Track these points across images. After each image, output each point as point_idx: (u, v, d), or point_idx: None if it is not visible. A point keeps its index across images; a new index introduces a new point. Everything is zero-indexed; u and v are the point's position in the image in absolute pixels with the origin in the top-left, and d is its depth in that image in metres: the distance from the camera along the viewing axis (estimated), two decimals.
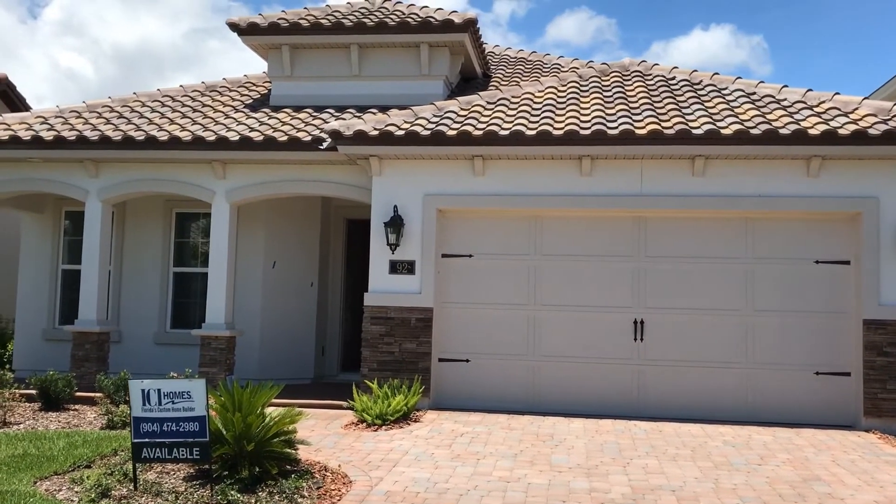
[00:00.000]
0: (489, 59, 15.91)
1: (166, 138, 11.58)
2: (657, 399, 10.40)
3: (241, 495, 6.36)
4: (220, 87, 14.45)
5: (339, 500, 6.47)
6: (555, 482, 7.04)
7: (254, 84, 14.64)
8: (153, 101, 13.53)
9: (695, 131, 9.96)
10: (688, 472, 7.48)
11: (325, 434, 9.03)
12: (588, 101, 11.35)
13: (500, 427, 9.39)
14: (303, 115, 12.47)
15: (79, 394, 10.91)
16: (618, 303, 10.60)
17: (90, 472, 6.93)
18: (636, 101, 11.20)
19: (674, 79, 12.25)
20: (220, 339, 11.64)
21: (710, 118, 10.30)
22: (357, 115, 12.10)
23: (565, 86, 12.25)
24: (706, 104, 10.93)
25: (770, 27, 42.58)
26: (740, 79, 11.83)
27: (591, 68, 13.17)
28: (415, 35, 12.85)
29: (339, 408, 10.50)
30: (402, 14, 13.15)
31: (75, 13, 43.89)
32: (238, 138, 11.44)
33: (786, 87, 11.33)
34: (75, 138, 11.78)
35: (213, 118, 12.51)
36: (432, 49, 13.04)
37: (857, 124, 9.89)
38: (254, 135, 11.50)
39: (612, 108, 10.95)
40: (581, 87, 12.12)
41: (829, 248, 10.32)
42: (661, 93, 11.58)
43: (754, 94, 11.28)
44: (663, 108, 10.86)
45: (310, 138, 11.32)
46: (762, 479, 7.27)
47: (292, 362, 13.20)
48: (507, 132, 10.34)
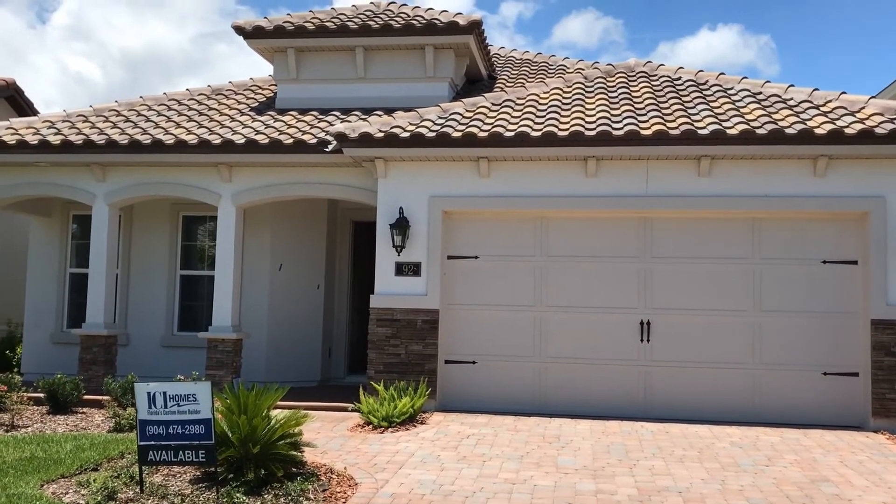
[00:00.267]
0: (494, 60, 15.91)
1: (172, 142, 11.62)
2: (664, 400, 10.37)
3: (246, 498, 6.37)
4: (226, 90, 14.49)
5: (344, 502, 6.47)
6: (561, 484, 7.02)
7: (259, 87, 14.68)
8: (159, 104, 13.58)
9: (700, 131, 9.94)
10: (694, 473, 7.45)
11: (332, 436, 9.03)
12: (593, 102, 11.34)
13: (506, 429, 9.38)
14: (308, 118, 12.49)
15: (86, 397, 10.96)
16: (624, 304, 10.58)
17: (97, 475, 6.95)
18: (641, 102, 11.18)
19: (679, 79, 12.22)
20: (227, 341, 11.67)
21: (716, 118, 10.27)
22: (362, 117, 12.12)
23: (570, 87, 12.24)
24: (712, 104, 10.90)
25: (777, 27, 42.48)
26: (746, 79, 11.80)
27: (596, 69, 13.15)
28: (420, 37, 12.87)
29: (346, 410, 10.50)
30: (407, 16, 13.16)
31: (83, 18, 44.12)
32: (244, 141, 11.47)
33: (792, 86, 11.29)
34: (82, 142, 11.83)
35: (218, 121, 12.55)
36: (437, 51, 13.05)
37: (864, 123, 9.85)
38: (259, 138, 11.53)
39: (618, 108, 10.94)
40: (586, 88, 12.10)
41: (836, 247, 10.27)
42: (667, 93, 11.55)
43: (760, 93, 11.25)
44: (669, 108, 10.84)
45: (315, 141, 11.34)
46: (769, 480, 7.24)
47: (299, 365, 13.22)
48: (513, 133, 10.33)
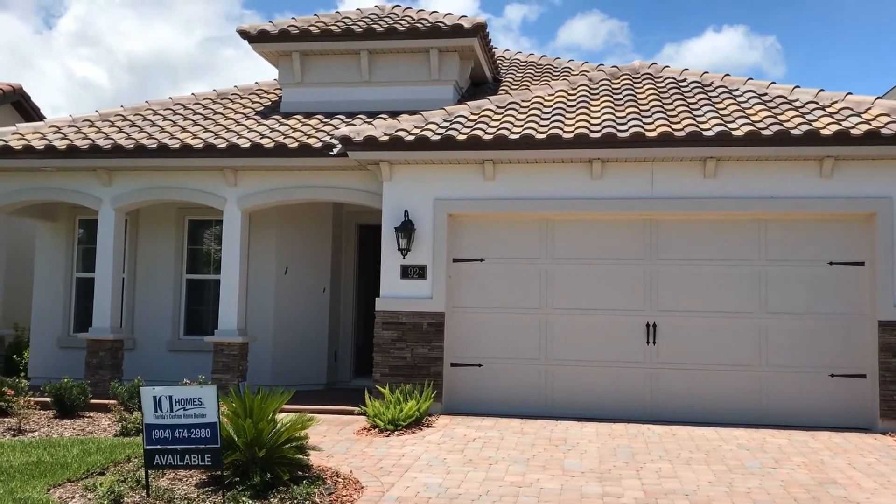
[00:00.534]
0: (499, 63, 15.91)
1: (178, 146, 11.65)
2: (670, 402, 10.34)
3: (252, 501, 6.37)
4: (232, 94, 14.52)
5: None
6: (567, 487, 7.01)
7: (265, 91, 14.71)
8: (165, 109, 13.61)
9: (706, 133, 9.92)
10: (701, 475, 7.42)
11: (337, 440, 9.03)
12: (598, 105, 11.33)
13: (512, 432, 9.36)
14: (313, 122, 12.50)
15: (93, 401, 10.98)
16: (630, 306, 10.56)
17: (103, 479, 6.95)
18: (647, 104, 11.16)
19: (684, 81, 12.20)
20: (233, 345, 11.68)
21: (722, 120, 10.25)
22: (367, 120, 12.13)
23: (575, 89, 12.23)
24: (717, 106, 10.88)
25: (783, 28, 42.39)
26: (752, 80, 11.77)
27: (601, 71, 13.14)
28: (424, 40, 12.87)
29: (352, 413, 10.50)
30: (412, 19, 13.17)
31: (90, 23, 44.28)
32: (249, 145, 11.48)
33: (798, 87, 11.26)
34: (88, 147, 11.87)
35: (224, 126, 12.57)
36: (442, 54, 13.05)
37: (870, 124, 9.82)
38: (265, 142, 11.55)
39: (623, 110, 10.92)
40: (591, 91, 12.09)
41: (843, 249, 10.24)
42: (672, 95, 11.53)
43: (766, 94, 11.22)
44: (674, 110, 10.82)
45: (320, 144, 11.35)
46: (777, 482, 7.21)
47: (305, 368, 13.22)
48: (518, 136, 10.32)
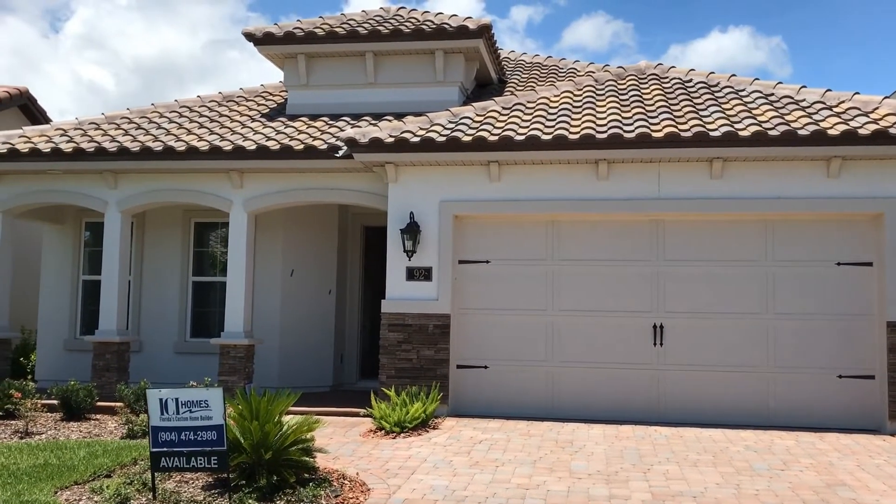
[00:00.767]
0: (504, 64, 15.89)
1: (184, 148, 11.66)
2: (677, 404, 10.30)
3: None
4: (237, 96, 14.53)
5: None
6: (574, 489, 6.98)
7: (270, 93, 14.72)
8: (171, 111, 13.63)
9: (712, 133, 9.88)
10: (709, 477, 7.39)
11: (344, 442, 9.02)
12: (604, 105, 11.30)
13: (518, 434, 9.34)
14: (319, 124, 12.50)
15: (100, 403, 10.99)
16: (636, 307, 10.53)
17: (110, 482, 6.96)
18: (653, 104, 11.13)
19: (690, 81, 12.17)
20: (239, 347, 11.68)
21: (728, 120, 10.22)
22: (373, 122, 12.13)
23: (581, 90, 12.20)
24: (723, 106, 10.84)
25: (789, 28, 42.26)
26: (758, 80, 11.74)
27: (607, 72, 13.11)
28: (430, 42, 12.86)
29: (358, 415, 10.48)
30: (417, 21, 13.16)
31: (96, 27, 44.40)
32: (255, 147, 11.49)
33: (804, 87, 11.22)
34: (94, 150, 11.89)
35: (230, 128, 12.58)
36: (447, 56, 13.04)
37: (878, 124, 9.77)
38: (270, 144, 11.55)
39: (629, 111, 10.89)
40: (597, 91, 12.07)
41: (850, 249, 10.18)
42: (678, 95, 11.50)
43: (772, 95, 11.18)
44: (680, 110, 10.79)
45: (326, 146, 11.35)
46: (785, 484, 7.17)
47: (311, 370, 13.22)
48: (523, 137, 10.30)
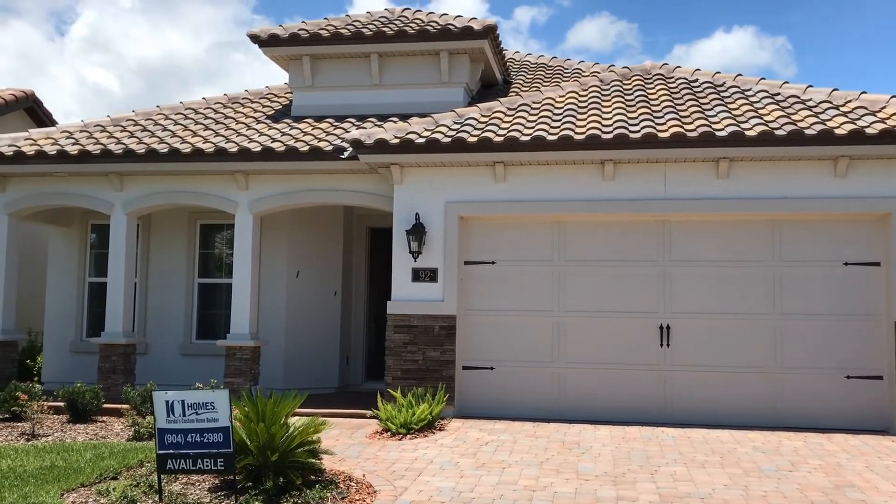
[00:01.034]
0: (509, 65, 15.87)
1: (189, 150, 11.66)
2: (684, 405, 10.26)
3: None
4: (242, 98, 14.54)
5: None
6: (581, 490, 6.95)
7: (275, 95, 14.72)
8: (176, 113, 13.64)
9: (718, 133, 9.85)
10: (717, 479, 7.35)
11: (350, 443, 9.00)
12: (610, 105, 11.27)
13: (525, 435, 9.31)
14: (324, 125, 12.50)
15: (106, 405, 10.99)
16: (643, 308, 10.49)
17: (116, 484, 6.95)
18: (658, 104, 11.10)
19: (696, 81, 12.13)
20: (245, 349, 11.67)
21: (735, 120, 10.18)
22: (378, 123, 12.12)
23: (586, 90, 12.18)
24: (730, 106, 10.81)
25: (793, 28, 42.14)
26: (764, 80, 11.70)
27: (612, 72, 13.08)
28: (434, 43, 12.85)
29: (364, 417, 10.47)
30: (422, 22, 13.15)
31: (101, 30, 44.50)
32: (260, 149, 11.49)
33: (811, 86, 11.18)
34: (100, 152, 11.90)
35: (235, 130, 12.58)
36: (452, 56, 13.02)
37: (886, 123, 9.72)
38: (276, 145, 11.55)
39: (635, 111, 10.86)
40: (602, 92, 12.04)
41: (858, 249, 10.14)
42: (684, 95, 11.47)
43: (779, 94, 11.14)
44: (686, 110, 10.75)
45: (331, 148, 11.34)
46: (793, 485, 7.13)
47: (317, 372, 13.21)
48: (529, 138, 10.28)
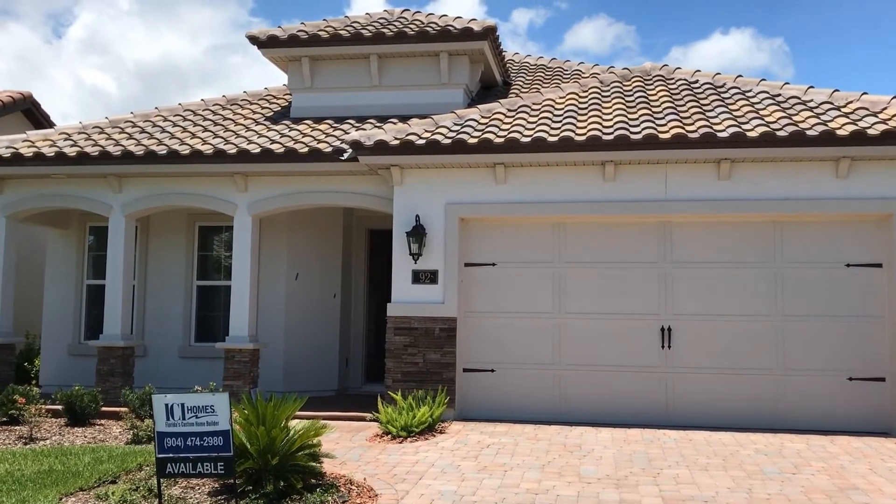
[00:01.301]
0: (509, 66, 15.83)
1: (188, 152, 11.61)
2: (686, 407, 10.21)
3: None
4: (241, 100, 14.49)
5: None
6: (584, 494, 6.90)
7: (274, 97, 14.67)
8: (175, 115, 13.59)
9: (720, 134, 9.81)
10: (720, 481, 7.31)
11: (350, 446, 8.95)
12: (610, 107, 11.23)
13: (526, 438, 9.26)
14: (323, 127, 12.45)
15: (104, 408, 10.94)
16: (644, 310, 10.45)
17: (115, 488, 6.90)
18: (659, 106, 11.07)
19: (696, 82, 12.10)
20: (244, 352, 11.62)
21: (735, 121, 10.15)
22: (378, 125, 12.07)
23: (587, 91, 12.14)
24: (730, 107, 10.77)
25: (791, 29, 42.15)
26: (765, 80, 11.67)
27: (612, 73, 13.04)
28: (434, 44, 12.80)
29: (364, 420, 10.42)
30: (421, 23, 13.11)
31: (98, 32, 44.42)
32: (259, 151, 11.44)
33: (812, 87, 11.15)
34: (98, 154, 11.84)
35: (234, 131, 12.53)
36: (452, 58, 12.98)
37: (887, 124, 9.68)
38: (275, 147, 11.50)
39: (635, 112, 10.82)
40: (603, 93, 12.00)
41: (860, 250, 10.10)
42: (685, 96, 11.44)
43: (779, 95, 11.11)
44: (687, 111, 10.72)
45: (331, 149, 11.30)
46: (797, 488, 7.09)
47: (316, 374, 13.16)
48: (529, 139, 10.24)
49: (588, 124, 10.52)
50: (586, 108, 11.31)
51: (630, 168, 10.40)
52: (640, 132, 10.05)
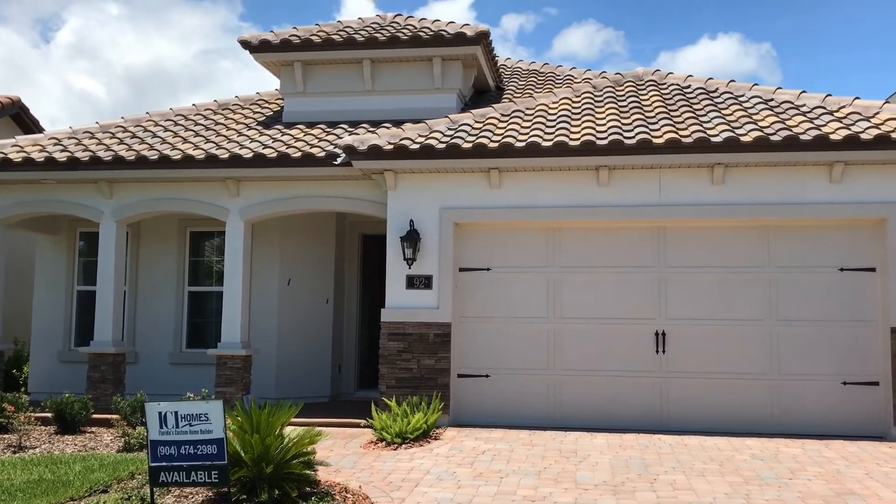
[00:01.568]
0: (501, 71, 15.82)
1: (180, 157, 11.53)
2: (681, 412, 10.20)
3: None
4: (233, 105, 14.42)
5: None
6: (581, 500, 6.86)
7: (266, 101, 14.61)
8: (166, 120, 13.50)
9: (713, 139, 9.82)
10: (717, 487, 7.28)
11: (345, 454, 8.88)
12: (603, 112, 11.23)
13: (521, 443, 9.22)
14: (316, 131, 12.40)
15: (95, 416, 10.83)
16: (639, 314, 10.43)
17: (107, 498, 6.81)
18: (652, 110, 11.07)
19: (689, 87, 12.12)
20: (236, 358, 11.54)
21: (729, 126, 10.15)
22: (371, 129, 12.03)
23: (580, 96, 12.13)
24: (724, 112, 10.78)
25: (778, 35, 42.42)
26: (757, 85, 11.70)
27: (604, 78, 13.05)
28: (427, 49, 12.77)
29: (358, 426, 10.35)
30: (414, 28, 13.08)
31: (87, 36, 44.27)
32: (251, 155, 11.37)
33: (804, 92, 11.17)
34: (89, 159, 11.75)
35: (226, 136, 12.46)
36: (445, 62, 12.95)
37: (880, 129, 9.71)
38: (267, 152, 11.44)
39: (628, 117, 10.82)
40: (596, 98, 12.00)
41: (853, 255, 10.11)
42: (677, 101, 11.44)
43: (772, 100, 11.13)
44: (680, 116, 10.72)
45: (324, 154, 11.24)
46: (794, 493, 7.06)
47: (309, 380, 13.08)
48: (523, 144, 10.22)
49: (582, 129, 10.51)
50: (580, 113, 11.30)
51: (624, 173, 10.39)
52: (633, 137, 10.05)
